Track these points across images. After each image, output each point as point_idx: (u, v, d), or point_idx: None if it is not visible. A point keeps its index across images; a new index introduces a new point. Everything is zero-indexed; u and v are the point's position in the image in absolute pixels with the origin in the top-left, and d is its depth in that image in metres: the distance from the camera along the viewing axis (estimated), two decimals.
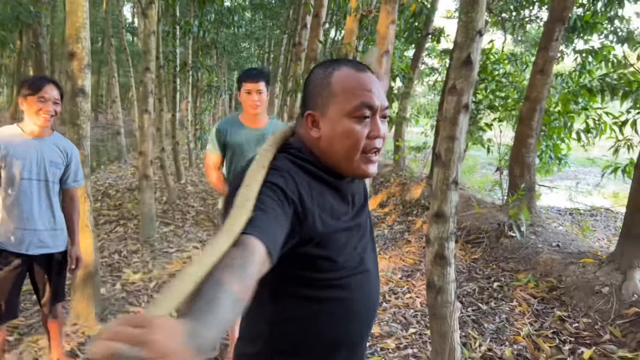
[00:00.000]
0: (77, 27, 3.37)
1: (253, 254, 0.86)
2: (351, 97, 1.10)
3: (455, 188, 2.82)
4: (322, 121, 1.13)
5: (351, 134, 1.10)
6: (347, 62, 1.18)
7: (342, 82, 1.11)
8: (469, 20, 2.75)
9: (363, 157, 1.13)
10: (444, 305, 2.75)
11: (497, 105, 7.15)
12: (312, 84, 1.16)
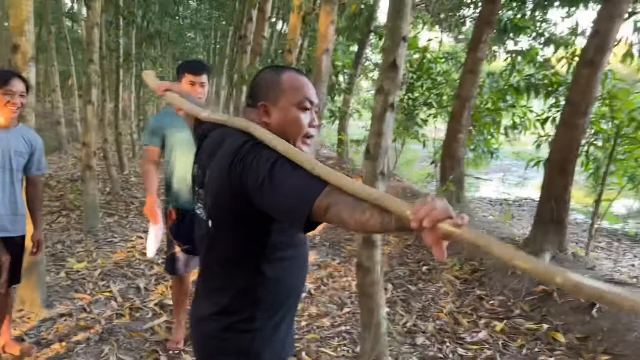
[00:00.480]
0: (21, 19, 3.42)
1: None
2: (298, 92, 1.38)
3: (383, 179, 3.12)
4: (274, 110, 1.39)
5: (298, 120, 1.38)
6: (290, 68, 1.48)
7: (290, 81, 1.40)
8: (394, 27, 3.04)
9: (302, 139, 1.41)
10: (372, 284, 3.05)
11: (432, 102, 7.59)
12: (264, 81, 1.43)
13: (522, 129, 7.52)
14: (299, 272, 1.48)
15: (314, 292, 4.22)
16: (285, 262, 1.40)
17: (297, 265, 1.46)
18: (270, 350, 1.43)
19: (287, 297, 1.45)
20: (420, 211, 0.84)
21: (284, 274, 1.41)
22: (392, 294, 4.22)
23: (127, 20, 9.04)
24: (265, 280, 1.37)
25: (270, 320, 1.41)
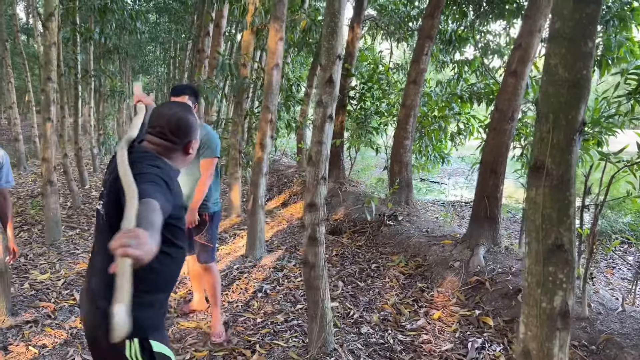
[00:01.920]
0: None
1: (156, 206, 1.48)
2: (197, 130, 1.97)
3: (324, 183, 3.46)
4: (195, 142, 1.93)
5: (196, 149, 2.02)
6: (189, 107, 1.99)
7: (197, 121, 1.96)
8: (330, 47, 3.40)
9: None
10: (317, 278, 3.38)
11: (382, 111, 8.01)
12: (188, 122, 1.89)
13: (467, 134, 8.03)
14: (179, 264, 1.91)
15: (270, 292, 4.51)
16: (171, 256, 1.81)
17: (179, 260, 1.89)
18: (149, 321, 1.79)
19: (165, 286, 1.87)
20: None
21: (172, 264, 1.84)
22: (342, 290, 4.56)
23: (84, 36, 9.18)
24: (160, 269, 1.77)
25: (149, 297, 1.79)
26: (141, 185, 1.55)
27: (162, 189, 1.63)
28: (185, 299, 4.32)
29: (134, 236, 1.17)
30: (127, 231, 1.20)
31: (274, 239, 6.28)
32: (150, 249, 1.21)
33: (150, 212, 1.42)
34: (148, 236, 1.22)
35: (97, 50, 11.14)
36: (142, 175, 1.63)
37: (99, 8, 7.73)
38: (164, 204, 1.55)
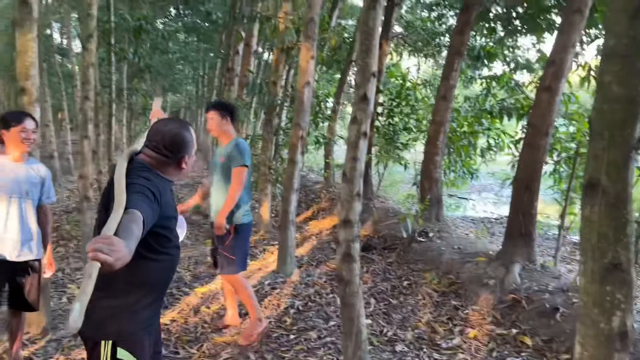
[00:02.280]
0: (27, 65, 3.77)
1: (139, 216, 1.59)
2: (195, 143, 2.10)
3: (359, 199, 3.46)
4: (189, 158, 2.05)
5: (193, 162, 2.13)
6: (187, 123, 2.12)
7: (193, 136, 2.08)
8: (364, 65, 3.43)
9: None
10: (352, 294, 3.37)
11: (411, 127, 8.00)
12: (183, 138, 2.02)
13: (497, 150, 7.95)
14: (167, 272, 2.06)
15: (302, 309, 4.51)
16: (157, 262, 1.94)
17: (166, 267, 2.03)
18: (126, 325, 1.90)
19: (150, 291, 1.97)
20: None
21: (156, 270, 1.96)
22: (375, 307, 4.53)
23: (119, 56, 9.44)
24: (139, 273, 1.88)
25: (132, 301, 1.91)
26: (129, 196, 1.69)
27: (149, 200, 1.75)
28: (219, 314, 4.34)
29: (108, 242, 1.28)
30: (103, 237, 1.31)
31: (303, 255, 6.28)
32: (123, 256, 1.31)
33: (132, 222, 1.54)
34: (122, 244, 1.33)
35: (130, 70, 11.44)
36: (131, 186, 1.76)
37: (134, 29, 7.97)
38: (149, 214, 1.69)
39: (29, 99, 3.73)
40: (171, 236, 2.00)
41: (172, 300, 4.71)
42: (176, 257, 2.08)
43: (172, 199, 2.08)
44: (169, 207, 1.96)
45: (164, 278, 2.05)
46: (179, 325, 4.14)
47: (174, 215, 2.05)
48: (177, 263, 2.12)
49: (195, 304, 4.62)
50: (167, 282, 2.10)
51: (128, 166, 1.89)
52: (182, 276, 5.46)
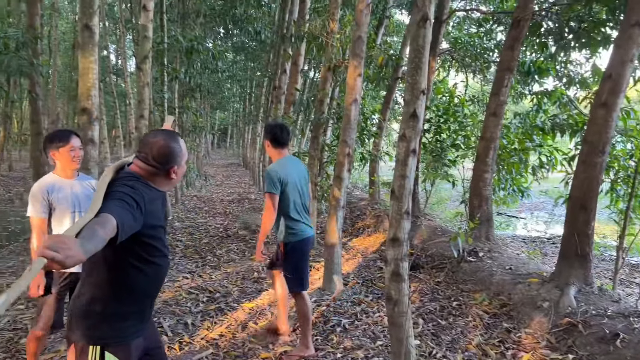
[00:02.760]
0: (88, 86, 3.97)
1: (109, 221, 1.62)
2: (186, 154, 2.14)
3: (408, 217, 3.43)
4: (179, 169, 2.09)
5: (184, 170, 2.17)
6: (178, 135, 2.15)
7: (183, 148, 2.11)
8: (414, 82, 3.41)
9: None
10: (400, 314, 3.32)
11: (459, 144, 7.88)
12: (173, 150, 2.05)
13: (550, 167, 7.71)
14: (153, 281, 2.11)
15: (348, 327, 4.47)
16: (141, 272, 2.00)
17: (153, 277, 2.08)
18: (112, 331, 1.98)
19: (135, 299, 2.03)
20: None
21: (139, 279, 2.01)
22: (423, 328, 4.44)
23: (171, 76, 9.78)
24: (119, 281, 1.97)
25: (120, 308, 1.99)
26: (107, 202, 1.76)
27: (129, 206, 1.79)
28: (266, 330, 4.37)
29: (59, 241, 1.33)
30: (55, 236, 1.36)
31: (349, 273, 6.25)
32: (73, 255, 1.34)
33: (97, 225, 1.57)
34: (76, 244, 1.37)
35: (182, 89, 11.82)
36: (112, 193, 1.82)
37: (187, 49, 8.24)
38: (126, 219, 1.72)
39: (88, 118, 3.92)
40: (159, 246, 2.07)
41: (220, 315, 4.78)
42: (165, 267, 2.16)
43: (161, 209, 2.13)
44: (154, 217, 2.01)
45: (152, 287, 2.13)
46: (227, 340, 4.19)
47: (161, 225, 2.10)
48: (165, 272, 2.19)
49: (243, 319, 4.67)
50: (155, 290, 2.18)
51: (116, 176, 1.99)
52: (230, 291, 5.53)
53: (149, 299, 2.15)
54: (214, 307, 5.01)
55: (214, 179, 21.11)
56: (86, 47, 3.87)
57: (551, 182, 8.53)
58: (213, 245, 7.91)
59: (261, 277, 6.09)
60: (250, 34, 12.25)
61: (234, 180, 20.80)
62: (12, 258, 6.85)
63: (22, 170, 21.21)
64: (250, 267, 6.57)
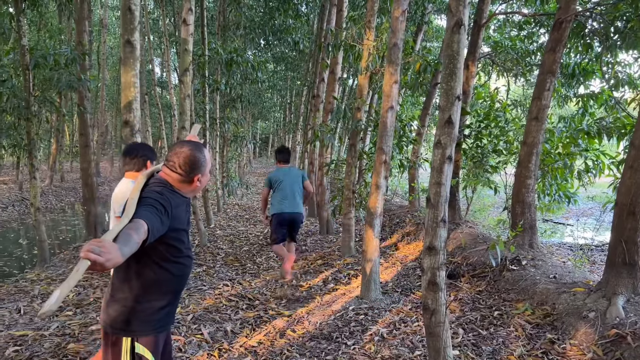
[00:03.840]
0: (129, 100, 4.12)
1: (142, 225, 1.83)
2: (210, 163, 2.33)
3: (444, 226, 3.38)
4: (202, 178, 2.28)
5: (208, 180, 2.36)
6: (202, 146, 2.33)
7: (208, 157, 2.31)
8: (449, 88, 3.38)
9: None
10: (437, 324, 3.28)
11: (501, 149, 7.71)
12: (197, 159, 2.24)
13: (597, 172, 7.44)
14: (179, 279, 2.31)
15: (386, 336, 4.44)
16: (167, 270, 2.22)
17: (178, 275, 2.29)
18: (141, 324, 2.21)
19: (161, 295, 2.24)
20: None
21: (165, 277, 2.22)
22: (463, 338, 4.35)
23: (212, 87, 10.01)
24: (147, 277, 2.19)
25: (149, 303, 2.21)
26: (139, 208, 1.95)
27: (158, 212, 1.99)
28: (303, 339, 4.38)
29: (101, 245, 1.47)
30: (97, 240, 1.50)
31: (388, 281, 6.21)
32: (113, 258, 1.50)
33: (132, 230, 1.75)
34: (115, 248, 1.54)
35: (223, 100, 12.07)
36: (144, 199, 2.03)
37: (226, 61, 8.42)
38: (155, 224, 1.93)
39: (131, 130, 4.06)
40: (182, 247, 2.27)
41: (259, 322, 4.83)
42: (188, 266, 2.37)
43: (186, 214, 2.33)
44: (179, 221, 2.22)
45: (177, 284, 2.32)
46: (265, 348, 4.23)
47: (184, 229, 2.30)
48: (189, 271, 2.40)
49: (281, 327, 4.70)
50: (180, 287, 2.37)
51: (147, 182, 2.21)
52: (269, 299, 5.59)
53: (175, 295, 2.35)
54: (253, 314, 5.07)
55: (255, 187, 21.40)
56: (128, 61, 4.02)
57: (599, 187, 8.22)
58: (253, 253, 8.02)
59: (300, 284, 6.13)
60: (289, 44, 12.40)
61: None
62: (62, 265, 7.15)
63: (73, 181, 22.12)
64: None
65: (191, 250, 2.43)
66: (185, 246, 2.31)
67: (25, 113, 6.67)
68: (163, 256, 2.19)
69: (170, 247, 2.21)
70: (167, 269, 2.23)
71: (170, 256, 2.22)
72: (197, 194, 2.49)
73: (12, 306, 5.18)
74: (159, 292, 2.25)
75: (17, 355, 3.89)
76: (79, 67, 7.14)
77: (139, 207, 1.97)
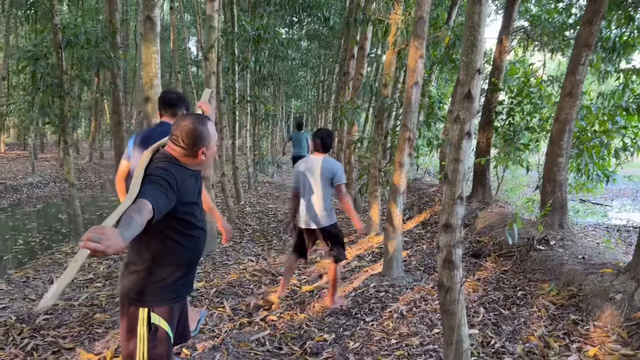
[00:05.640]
0: (151, 76, 4.16)
1: (146, 206, 1.83)
2: (215, 137, 2.32)
3: (461, 203, 3.31)
4: (207, 151, 2.27)
5: (214, 152, 2.35)
6: (207, 118, 2.30)
7: (212, 131, 2.29)
8: (469, 61, 3.28)
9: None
10: (452, 302, 3.23)
11: (534, 127, 7.47)
12: (200, 133, 2.22)
13: (634, 150, 7.14)
14: (193, 250, 2.35)
15: (406, 313, 4.42)
16: (179, 242, 2.26)
17: (192, 247, 2.33)
18: (157, 295, 2.28)
19: (176, 266, 2.29)
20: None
21: (179, 249, 2.27)
22: (484, 317, 4.30)
23: (241, 65, 10.02)
24: (160, 249, 2.24)
25: (164, 275, 2.26)
26: (143, 186, 1.95)
27: (163, 188, 1.99)
28: (323, 313, 4.42)
29: (100, 232, 1.48)
30: (97, 227, 1.50)
31: (412, 259, 6.16)
32: (114, 244, 1.50)
33: (134, 212, 1.75)
34: (115, 234, 1.54)
35: (253, 78, 12.09)
36: (148, 177, 2.03)
37: (254, 38, 8.40)
38: (161, 202, 1.94)
39: (152, 107, 4.11)
40: (193, 220, 2.29)
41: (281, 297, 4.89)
42: (201, 238, 2.40)
43: (194, 187, 2.32)
44: (188, 194, 2.23)
45: (190, 256, 2.35)
46: (284, 322, 4.29)
47: (194, 202, 2.31)
48: (202, 243, 2.42)
49: (302, 301, 4.75)
50: (194, 259, 2.40)
51: (152, 157, 2.23)
52: None
53: (189, 267, 2.39)
54: (275, 289, 5.13)
55: (286, 165, 21.51)
56: (148, 37, 4.06)
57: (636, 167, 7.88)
58: (280, 230, 8.09)
59: (324, 261, 6.15)
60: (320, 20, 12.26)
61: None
62: None
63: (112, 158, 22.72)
64: (315, 251, 6.66)
65: (205, 222, 2.46)
66: (196, 219, 2.33)
67: (59, 91, 6.84)
68: (175, 229, 2.23)
69: (182, 220, 2.24)
70: (180, 242, 2.27)
71: (182, 229, 2.25)
72: (205, 167, 2.49)
73: (45, 277, 5.40)
74: (173, 264, 2.29)
75: (47, 324, 4.06)
76: (109, 45, 7.26)
77: (142, 186, 1.97)
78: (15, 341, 3.76)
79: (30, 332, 3.93)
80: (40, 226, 11.04)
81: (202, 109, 2.80)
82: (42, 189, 16.06)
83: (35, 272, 5.61)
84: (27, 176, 16.64)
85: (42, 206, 13.76)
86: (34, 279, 5.35)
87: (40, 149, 24.10)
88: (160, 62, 4.28)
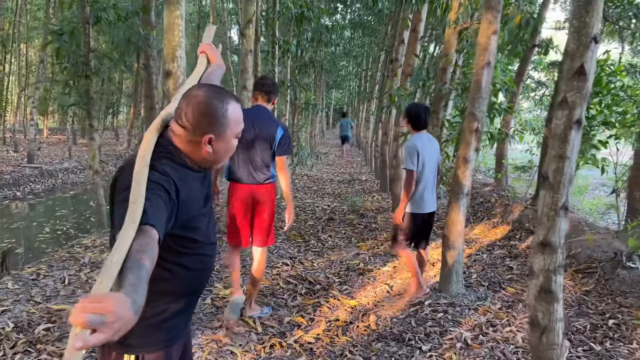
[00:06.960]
0: (173, 45, 3.47)
1: (153, 239, 1.22)
2: (238, 125, 1.56)
3: (565, 214, 2.50)
4: (217, 141, 1.51)
5: (233, 148, 1.59)
6: (232, 96, 1.54)
7: (233, 114, 1.52)
8: (582, 26, 2.45)
9: None
10: (550, 347, 2.43)
11: (613, 122, 6.47)
12: (216, 113, 1.48)
13: None
14: (199, 275, 1.68)
15: (470, 342, 3.63)
16: (184, 267, 1.59)
17: (198, 271, 1.65)
18: (148, 337, 1.59)
19: (181, 295, 1.63)
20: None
21: (183, 276, 1.59)
22: (571, 353, 3.45)
23: (282, 49, 9.32)
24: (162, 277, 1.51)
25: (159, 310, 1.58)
26: (145, 205, 1.28)
27: (163, 202, 1.36)
28: (369, 336, 3.67)
29: (103, 308, 0.88)
30: (95, 299, 0.90)
31: (472, 271, 5.33)
32: (125, 323, 0.93)
33: (142, 254, 1.15)
34: (124, 305, 0.94)
35: (294, 64, 11.38)
36: (148, 189, 1.34)
37: (296, 16, 7.68)
38: (164, 225, 1.34)
39: (174, 82, 3.43)
40: (197, 236, 1.62)
41: (318, 312, 4.17)
42: (208, 257, 1.71)
43: (200, 192, 1.63)
44: (192, 204, 1.55)
45: (193, 282, 1.68)
46: (323, 346, 3.56)
47: (201, 213, 1.62)
48: (210, 263, 1.74)
49: (344, 319, 4.01)
50: (200, 285, 1.74)
51: (155, 147, 1.48)
52: (331, 283, 4.92)
53: (191, 296, 1.71)
54: (313, 301, 4.41)
55: (326, 157, 20.79)
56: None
57: None
58: (318, 229, 7.37)
59: (368, 268, 5.40)
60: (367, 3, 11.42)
61: (345, 159, 20.28)
62: None
63: None
64: (357, 255, 5.91)
65: (214, 233, 1.74)
66: (202, 234, 1.64)
67: (85, 69, 6.29)
68: (174, 250, 1.55)
69: (182, 239, 1.56)
70: (180, 264, 1.59)
71: (184, 249, 1.59)
72: (213, 166, 1.64)
73: (58, 274, 4.84)
74: (169, 295, 1.61)
75: (46, 336, 3.47)
76: (139, 21, 6.67)
77: (145, 203, 1.30)
78: (6, 357, 3.18)
79: (25, 345, 3.36)
80: (70, 214, 10.70)
81: (207, 55, 2.00)
82: (77, 174, 15.88)
83: (48, 268, 5.06)
84: (64, 161, 16.51)
85: (75, 192, 13.50)
86: (45, 277, 4.79)
87: (80, 135, 24.14)
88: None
